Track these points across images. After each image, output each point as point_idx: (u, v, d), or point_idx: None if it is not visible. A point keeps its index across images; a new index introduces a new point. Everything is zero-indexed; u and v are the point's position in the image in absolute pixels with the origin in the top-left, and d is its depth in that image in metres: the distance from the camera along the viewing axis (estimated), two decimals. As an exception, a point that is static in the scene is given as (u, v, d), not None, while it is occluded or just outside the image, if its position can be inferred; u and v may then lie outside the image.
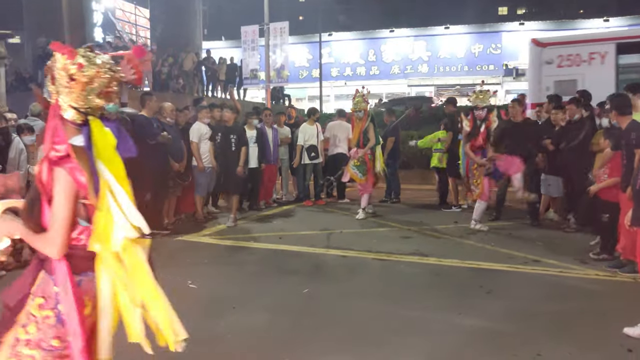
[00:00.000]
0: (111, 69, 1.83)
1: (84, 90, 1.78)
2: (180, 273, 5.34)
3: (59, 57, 1.79)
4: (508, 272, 5.26)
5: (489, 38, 30.74)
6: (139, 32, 30.63)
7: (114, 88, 1.86)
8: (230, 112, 7.84)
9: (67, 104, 1.80)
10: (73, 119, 1.82)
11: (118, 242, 1.79)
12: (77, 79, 1.76)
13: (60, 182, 1.75)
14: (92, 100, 1.81)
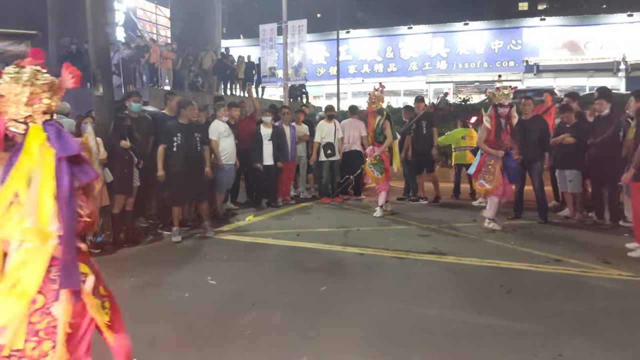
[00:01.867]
0: (32, 77, 2.05)
1: (13, 102, 2.03)
2: (200, 269, 5.41)
3: None
4: (528, 271, 5.20)
5: (509, 34, 30.38)
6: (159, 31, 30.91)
7: (44, 94, 2.07)
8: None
9: (7, 117, 2.04)
10: (17, 130, 2.05)
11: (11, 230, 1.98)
12: (3, 95, 2.02)
13: None
14: (23, 110, 2.04)
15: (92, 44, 6.96)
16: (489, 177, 6.87)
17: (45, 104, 2.07)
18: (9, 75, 2.02)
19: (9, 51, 9.26)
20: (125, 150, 6.29)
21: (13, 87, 2.01)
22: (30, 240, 1.99)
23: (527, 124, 7.37)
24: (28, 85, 2.03)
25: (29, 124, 2.04)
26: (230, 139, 7.89)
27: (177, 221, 6.73)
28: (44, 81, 2.07)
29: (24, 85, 2.02)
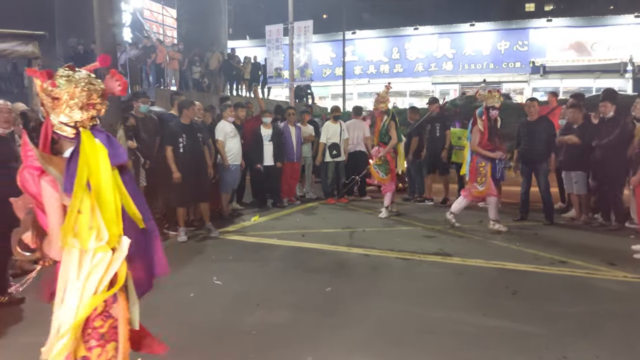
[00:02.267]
0: (90, 82, 1.97)
1: (67, 106, 1.93)
2: (206, 269, 5.44)
3: (36, 82, 1.95)
4: (534, 272, 5.20)
5: (515, 35, 30.27)
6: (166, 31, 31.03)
7: (97, 100, 2.00)
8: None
9: (57, 120, 1.97)
10: (65, 134, 1.98)
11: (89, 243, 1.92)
12: (59, 97, 1.92)
13: (46, 193, 1.93)
14: (76, 114, 1.95)
15: (99, 45, 7.02)
16: (480, 180, 6.89)
17: (97, 109, 2.01)
18: (64, 77, 1.94)
19: (16, 51, 9.32)
20: (131, 151, 6.33)
21: (71, 90, 1.93)
22: (103, 248, 1.94)
23: (533, 125, 7.38)
24: (85, 90, 1.95)
25: (79, 128, 1.97)
26: (237, 140, 7.92)
27: (183, 221, 6.76)
28: (99, 86, 2.00)
29: (82, 90, 1.94)
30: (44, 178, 1.92)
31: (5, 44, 9.15)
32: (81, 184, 1.88)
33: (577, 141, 7.15)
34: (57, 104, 1.93)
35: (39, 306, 4.45)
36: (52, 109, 1.95)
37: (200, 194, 6.82)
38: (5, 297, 4.43)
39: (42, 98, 1.95)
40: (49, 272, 2.15)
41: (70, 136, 1.98)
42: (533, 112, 7.43)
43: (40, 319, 4.18)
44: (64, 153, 2.00)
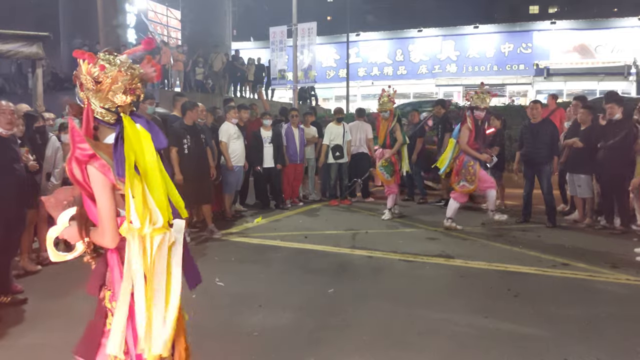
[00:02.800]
0: (131, 67, 1.92)
1: (110, 90, 1.88)
2: (208, 270, 5.44)
3: (82, 64, 1.90)
4: (536, 275, 5.19)
5: (519, 37, 30.26)
6: (170, 33, 31.14)
7: (138, 84, 1.95)
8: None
9: (99, 106, 1.91)
10: (106, 120, 1.93)
11: (147, 227, 1.86)
12: (102, 80, 1.87)
13: (95, 179, 1.88)
14: (120, 99, 1.90)
15: (103, 46, 7.05)
16: (470, 178, 6.92)
17: (137, 94, 1.96)
18: (108, 61, 1.88)
19: (21, 52, 9.39)
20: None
21: (115, 74, 1.87)
22: (159, 230, 1.89)
23: (537, 127, 7.38)
24: (128, 74, 1.90)
25: (120, 114, 1.92)
26: (240, 141, 7.95)
27: (186, 222, 6.76)
28: (138, 71, 1.94)
29: (124, 74, 1.89)
30: (93, 164, 1.87)
31: (10, 45, 9.21)
32: (130, 169, 1.84)
33: (580, 145, 7.14)
34: (100, 88, 1.89)
35: (41, 307, 4.49)
36: (94, 94, 1.90)
37: (203, 195, 6.84)
38: (8, 298, 4.46)
39: (85, 82, 1.90)
40: (87, 266, 2.14)
41: (112, 122, 1.93)
42: (536, 114, 7.45)
43: (42, 320, 4.22)
44: (103, 140, 1.96)
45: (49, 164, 5.55)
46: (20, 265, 5.32)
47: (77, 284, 5.06)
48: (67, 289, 4.86)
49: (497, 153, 8.66)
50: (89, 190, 1.91)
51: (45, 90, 13.12)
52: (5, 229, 3.99)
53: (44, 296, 4.68)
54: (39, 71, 9.86)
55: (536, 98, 22.50)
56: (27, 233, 5.34)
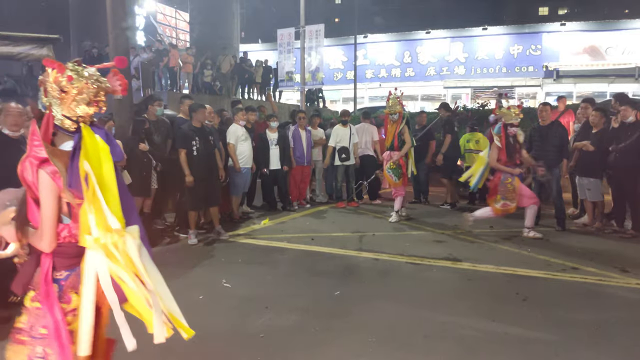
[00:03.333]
0: (98, 80, 2.00)
1: (74, 100, 1.96)
2: (215, 272, 5.46)
3: (50, 72, 1.97)
4: (545, 279, 5.15)
5: (528, 39, 30.10)
6: (178, 35, 31.29)
7: (102, 98, 2.03)
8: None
9: (60, 113, 1.99)
10: (65, 127, 2.01)
11: (106, 234, 1.93)
12: (68, 90, 1.95)
13: (43, 184, 1.94)
14: (82, 110, 1.98)
15: (113, 48, 7.08)
16: (510, 195, 6.67)
17: (100, 107, 2.03)
18: (76, 72, 1.96)
19: (31, 55, 9.43)
20: (143, 153, 6.38)
21: (81, 85, 1.95)
22: (120, 233, 1.96)
23: (545, 129, 7.33)
24: (94, 87, 1.98)
25: (80, 124, 1.99)
26: (248, 143, 7.96)
27: (194, 224, 6.78)
28: (105, 85, 2.03)
29: (91, 86, 1.97)
30: (45, 169, 1.94)
31: (21, 47, 9.27)
32: (82, 178, 1.90)
33: (591, 148, 7.06)
34: (64, 97, 1.96)
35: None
36: (58, 102, 1.97)
37: (212, 197, 6.86)
38: (19, 297, 4.47)
39: (51, 89, 1.97)
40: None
41: (71, 130, 2.00)
42: (545, 116, 7.39)
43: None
44: (59, 146, 2.03)
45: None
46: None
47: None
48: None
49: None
50: (35, 193, 1.97)
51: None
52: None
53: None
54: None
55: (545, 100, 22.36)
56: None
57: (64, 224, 2.02)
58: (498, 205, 6.76)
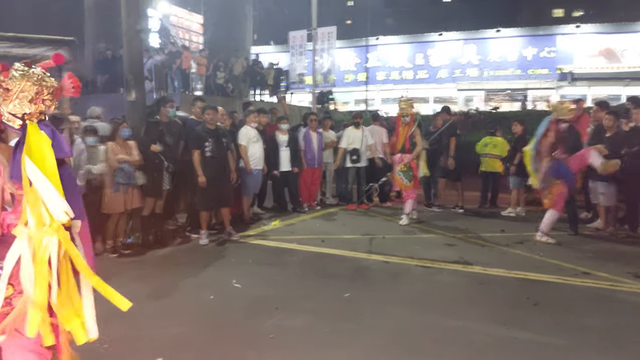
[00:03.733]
0: (42, 79, 2.11)
1: (17, 98, 2.07)
2: (226, 272, 5.50)
3: None
4: (556, 283, 5.11)
5: (542, 41, 29.83)
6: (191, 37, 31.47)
7: (46, 97, 2.13)
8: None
9: (6, 111, 2.10)
10: (11, 124, 2.12)
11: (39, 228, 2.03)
12: (11, 89, 2.07)
13: None
14: (26, 107, 2.09)
15: (126, 50, 7.16)
16: (548, 192, 6.66)
17: (46, 105, 2.14)
18: (19, 71, 2.08)
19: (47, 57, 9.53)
20: (155, 154, 6.44)
21: (22, 83, 2.07)
22: (47, 232, 2.04)
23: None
24: (37, 85, 2.09)
25: (27, 121, 2.10)
26: (259, 145, 8.00)
27: (205, 224, 6.84)
28: (50, 84, 2.13)
29: (33, 84, 2.08)
30: None
31: (37, 49, 9.39)
32: (24, 172, 2.01)
33: (605, 152, 6.99)
34: (7, 95, 2.07)
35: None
36: (3, 100, 2.08)
37: (224, 198, 6.91)
38: None
39: None
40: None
41: (16, 127, 2.10)
42: None
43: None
44: (9, 142, 2.15)
45: (74, 165, 5.66)
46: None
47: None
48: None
49: (519, 160, 8.60)
50: None
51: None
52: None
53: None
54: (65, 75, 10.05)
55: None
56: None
57: (7, 212, 2.13)
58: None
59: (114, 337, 3.77)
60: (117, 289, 5.05)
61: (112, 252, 6.17)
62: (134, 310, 4.51)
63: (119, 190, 6.04)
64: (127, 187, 6.12)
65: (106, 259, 6.02)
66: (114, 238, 6.27)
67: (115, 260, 6.02)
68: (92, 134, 6.03)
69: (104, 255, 6.14)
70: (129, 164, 6.11)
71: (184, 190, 7.25)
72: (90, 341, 2.22)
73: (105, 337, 3.79)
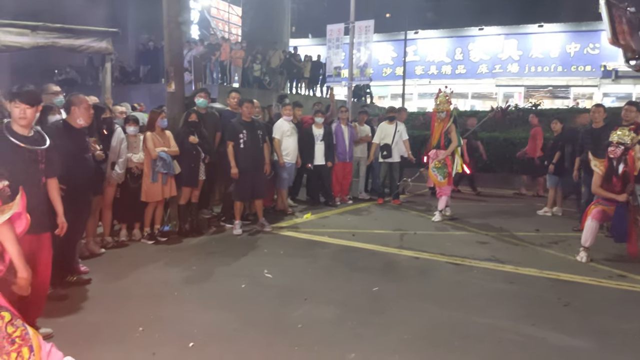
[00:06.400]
0: None
1: None
2: (258, 262, 5.62)
3: None
4: (589, 285, 5.03)
5: (586, 37, 28.90)
6: (231, 29, 31.85)
7: None
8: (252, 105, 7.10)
9: None
10: None
11: None
12: None
13: None
14: None
15: (167, 42, 7.33)
16: None
17: None
18: None
19: (91, 47, 9.90)
20: (193, 145, 6.60)
21: None
22: None
23: (598, 132, 7.09)
24: None
25: None
26: (293, 139, 8.08)
27: (239, 215, 6.98)
28: None
29: None
30: None
31: (82, 40, 9.73)
32: None
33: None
34: None
35: (103, 287, 4.78)
36: None
37: (258, 190, 7.03)
38: (74, 277, 4.77)
39: None
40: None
41: None
42: (598, 118, 7.17)
43: (104, 300, 4.49)
44: None
45: (114, 153, 5.87)
46: (86, 248, 5.66)
47: (137, 267, 5.36)
48: (127, 272, 5.16)
49: (558, 158, 8.44)
50: None
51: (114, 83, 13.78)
52: (74, 214, 4.27)
53: (106, 278, 4.98)
54: (108, 65, 10.36)
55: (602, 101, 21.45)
56: (92, 218, 5.68)
57: None
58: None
59: (148, 321, 3.94)
60: (153, 274, 5.29)
61: (149, 239, 6.38)
62: (168, 296, 4.70)
63: (157, 179, 6.22)
64: (167, 176, 6.30)
65: (143, 246, 6.24)
66: (151, 225, 6.48)
67: (152, 247, 6.23)
68: (133, 123, 6.23)
69: (141, 242, 6.35)
70: (168, 154, 6.28)
71: (220, 180, 7.41)
72: None
73: (140, 320, 3.98)
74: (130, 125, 6.20)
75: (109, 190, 5.98)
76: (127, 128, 6.17)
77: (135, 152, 6.19)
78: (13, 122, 3.35)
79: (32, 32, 8.67)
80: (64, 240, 4.03)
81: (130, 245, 6.23)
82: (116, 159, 5.89)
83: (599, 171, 5.90)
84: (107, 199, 6.01)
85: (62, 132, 4.39)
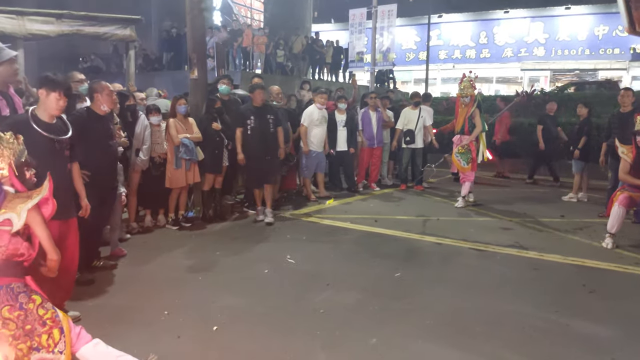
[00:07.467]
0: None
1: None
2: (281, 247, 5.67)
3: None
4: (615, 272, 4.96)
5: (615, 19, 27.93)
6: (253, 15, 31.79)
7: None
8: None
9: None
10: None
11: None
12: None
13: None
14: None
15: (190, 29, 7.37)
16: None
17: None
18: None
19: (115, 35, 10.04)
20: (216, 132, 6.66)
21: None
22: None
23: (626, 116, 6.92)
24: None
25: None
26: (322, 128, 8.05)
27: (260, 201, 6.98)
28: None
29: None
30: None
31: (106, 27, 9.86)
32: None
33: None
34: None
35: (128, 272, 4.89)
36: None
37: (266, 176, 6.86)
38: (100, 262, 4.89)
39: None
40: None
41: None
42: (627, 102, 7.00)
43: (129, 284, 4.60)
44: None
45: (138, 140, 5.96)
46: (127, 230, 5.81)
47: (162, 252, 5.46)
48: (152, 257, 5.26)
49: (584, 143, 8.27)
50: None
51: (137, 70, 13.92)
52: (100, 201, 4.36)
53: (131, 262, 5.10)
54: (132, 53, 10.49)
55: (631, 85, 20.85)
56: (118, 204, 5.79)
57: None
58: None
59: (173, 304, 4.03)
60: (178, 259, 5.39)
61: (173, 224, 6.49)
62: (193, 281, 4.79)
63: (181, 166, 6.29)
64: (190, 162, 6.37)
65: (168, 232, 6.35)
66: (175, 211, 6.58)
67: (176, 232, 6.34)
68: (155, 112, 6.27)
69: (165, 227, 6.46)
70: (190, 140, 6.34)
71: (242, 167, 7.46)
72: None
73: (165, 304, 4.07)
74: (153, 115, 6.24)
75: (133, 177, 6.08)
76: (150, 118, 6.20)
77: (158, 140, 6.24)
78: (39, 109, 3.42)
79: (57, 20, 8.81)
80: (90, 226, 4.12)
81: (154, 231, 6.35)
82: (140, 146, 5.98)
83: (627, 158, 5.79)
84: (132, 186, 6.12)
85: (86, 119, 4.47)
